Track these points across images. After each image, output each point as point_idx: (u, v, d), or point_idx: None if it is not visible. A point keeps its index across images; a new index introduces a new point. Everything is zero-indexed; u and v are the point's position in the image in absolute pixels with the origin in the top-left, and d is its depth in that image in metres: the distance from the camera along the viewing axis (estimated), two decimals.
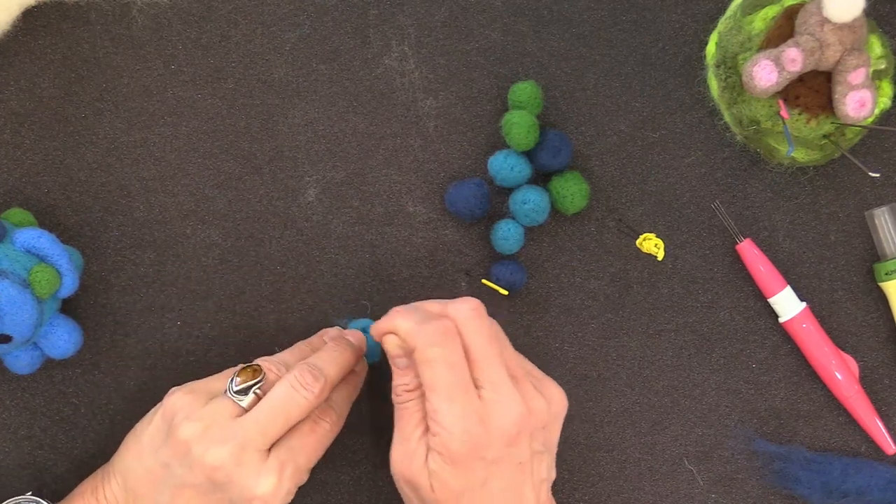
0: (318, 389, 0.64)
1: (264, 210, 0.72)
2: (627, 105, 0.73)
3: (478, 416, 0.61)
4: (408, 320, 0.63)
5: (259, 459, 0.62)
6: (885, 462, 0.74)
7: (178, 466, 0.63)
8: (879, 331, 0.74)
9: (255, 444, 0.62)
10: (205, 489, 0.63)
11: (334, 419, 0.66)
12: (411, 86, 0.73)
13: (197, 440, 0.62)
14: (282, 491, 0.63)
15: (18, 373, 0.68)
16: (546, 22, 0.73)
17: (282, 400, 0.63)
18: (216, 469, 0.62)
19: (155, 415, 0.65)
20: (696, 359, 0.74)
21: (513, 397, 0.62)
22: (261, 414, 0.63)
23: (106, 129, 0.72)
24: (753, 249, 0.73)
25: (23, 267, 0.64)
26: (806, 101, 0.67)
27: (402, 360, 0.65)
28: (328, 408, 0.66)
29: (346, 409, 0.68)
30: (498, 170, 0.70)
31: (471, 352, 0.62)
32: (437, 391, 0.61)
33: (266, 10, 0.72)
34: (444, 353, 0.61)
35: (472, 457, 0.61)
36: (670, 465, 0.74)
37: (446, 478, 0.62)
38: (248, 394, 0.64)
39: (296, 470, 0.63)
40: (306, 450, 0.64)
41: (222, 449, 0.62)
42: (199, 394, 0.64)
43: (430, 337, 0.62)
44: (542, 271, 0.73)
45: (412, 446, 0.63)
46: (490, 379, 0.62)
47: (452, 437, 0.61)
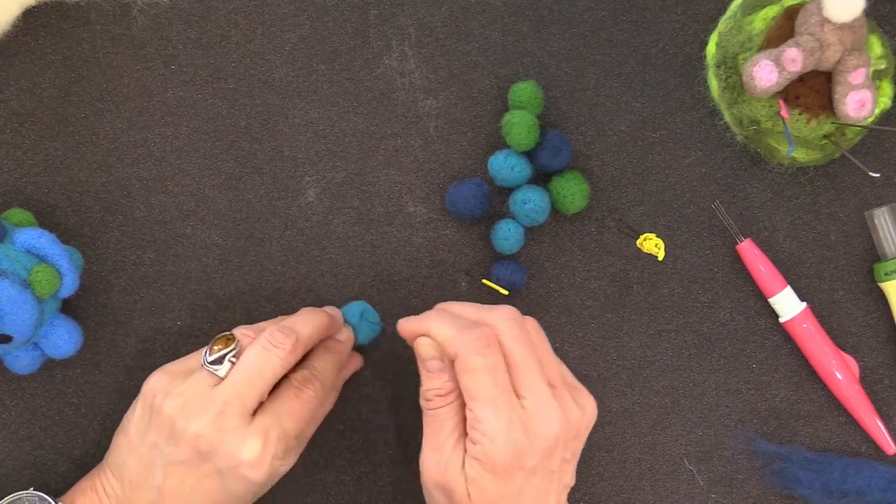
0: (290, 345, 0.64)
1: (264, 210, 0.72)
2: (627, 105, 0.73)
3: (521, 424, 0.61)
4: (447, 326, 0.62)
5: (241, 424, 0.62)
6: (886, 462, 0.74)
7: (165, 445, 0.63)
8: (879, 331, 0.74)
9: (235, 409, 0.62)
10: (194, 463, 0.63)
11: (317, 387, 0.66)
12: (411, 86, 0.73)
13: (179, 414, 0.62)
14: (268, 455, 0.63)
15: (18, 373, 0.68)
16: (546, 22, 0.73)
17: (254, 360, 0.63)
18: (199, 438, 0.62)
19: (136, 403, 0.65)
20: (697, 359, 0.74)
21: (553, 407, 0.61)
22: (235, 378, 0.63)
23: (106, 129, 0.72)
24: (754, 249, 0.73)
25: (23, 267, 0.64)
26: (806, 101, 0.67)
27: (434, 362, 0.64)
28: (311, 376, 0.66)
29: (333, 377, 0.68)
30: (498, 170, 0.70)
31: (511, 360, 0.62)
32: (480, 400, 0.61)
33: (266, 10, 0.72)
34: (487, 362, 0.61)
35: (514, 466, 0.61)
36: (671, 465, 0.74)
37: (485, 485, 0.61)
38: (223, 363, 0.64)
39: (282, 434, 0.63)
40: (291, 415, 0.64)
41: (203, 418, 0.62)
42: (175, 373, 0.65)
43: (473, 345, 0.61)
44: (542, 271, 0.73)
45: (446, 454, 0.62)
46: (530, 388, 0.61)
47: (496, 447, 0.60)
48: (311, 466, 0.73)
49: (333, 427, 0.73)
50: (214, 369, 0.64)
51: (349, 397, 0.73)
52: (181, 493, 0.63)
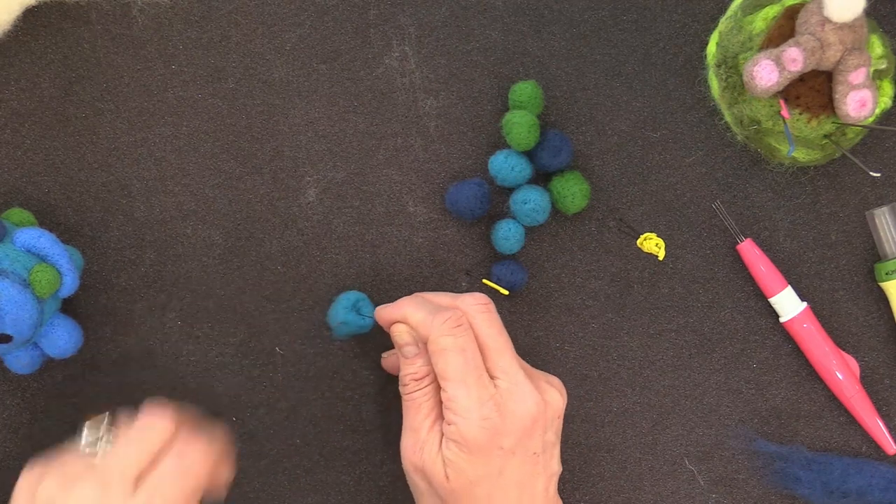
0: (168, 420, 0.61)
1: (264, 210, 0.72)
2: (628, 105, 0.73)
3: (494, 403, 0.62)
4: (419, 310, 0.64)
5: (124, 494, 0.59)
6: (886, 462, 0.74)
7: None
8: (880, 331, 0.74)
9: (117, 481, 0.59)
10: None
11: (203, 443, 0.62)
12: (412, 86, 0.73)
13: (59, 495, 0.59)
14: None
15: (19, 373, 0.68)
16: (546, 22, 0.73)
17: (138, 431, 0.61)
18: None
19: None
20: (697, 359, 0.74)
21: (527, 387, 0.63)
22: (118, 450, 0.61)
23: (106, 129, 0.72)
24: (754, 249, 0.73)
25: (23, 267, 0.64)
26: (807, 101, 0.67)
27: (410, 348, 0.65)
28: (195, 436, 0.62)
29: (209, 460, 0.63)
30: (498, 170, 0.70)
31: (483, 343, 0.63)
32: (452, 380, 0.62)
33: (266, 10, 0.72)
34: (457, 341, 0.62)
35: (490, 445, 0.62)
36: (671, 465, 0.74)
37: (462, 466, 0.62)
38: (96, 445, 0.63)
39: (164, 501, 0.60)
40: (178, 479, 0.60)
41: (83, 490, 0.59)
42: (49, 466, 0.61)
43: (443, 326, 0.63)
44: (542, 271, 0.73)
45: (422, 436, 0.64)
46: (504, 369, 0.63)
47: (470, 424, 0.61)
48: (311, 466, 0.73)
49: (334, 428, 0.73)
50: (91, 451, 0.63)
51: (349, 398, 0.73)
52: None
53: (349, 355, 0.72)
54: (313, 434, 0.72)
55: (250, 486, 0.72)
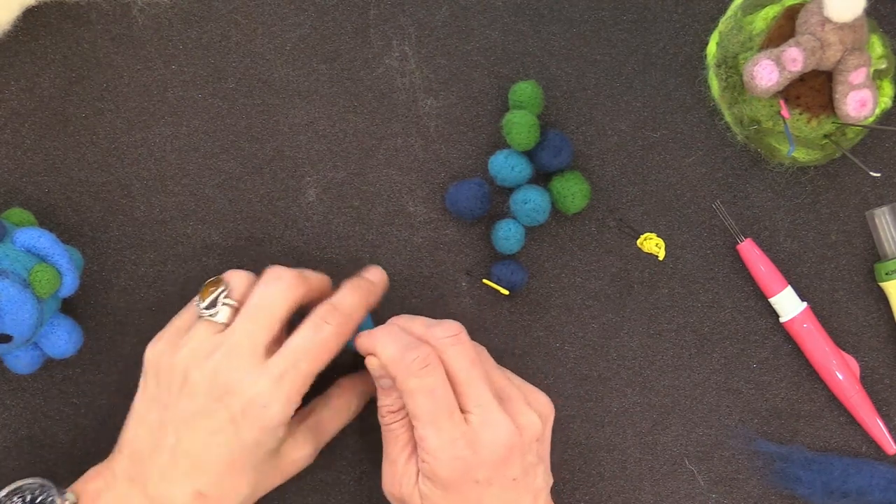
0: (291, 277, 0.63)
1: (264, 210, 0.72)
2: (628, 105, 0.73)
3: (465, 440, 0.61)
4: (389, 346, 0.63)
5: (253, 363, 0.61)
6: (886, 462, 0.74)
7: (177, 400, 0.62)
8: (880, 331, 0.74)
9: (245, 348, 0.62)
10: (206, 413, 0.62)
11: (339, 320, 0.64)
12: (412, 86, 0.73)
13: (189, 364, 0.62)
14: (282, 393, 0.61)
15: (18, 373, 0.68)
16: (546, 22, 0.73)
17: (259, 299, 0.63)
18: (212, 380, 0.61)
19: (142, 377, 0.65)
20: (697, 359, 0.74)
21: (500, 418, 0.62)
22: (243, 318, 0.63)
23: (106, 128, 0.72)
24: (754, 249, 0.73)
25: (23, 267, 0.64)
26: (807, 101, 0.67)
27: (384, 380, 0.65)
28: (332, 308, 0.64)
29: (360, 314, 0.66)
30: (498, 170, 0.70)
31: (454, 377, 0.63)
32: (421, 419, 0.62)
33: (266, 10, 0.72)
34: (424, 383, 0.62)
35: (463, 480, 0.61)
36: (671, 465, 0.74)
37: (438, 501, 0.62)
38: (216, 306, 0.63)
39: (297, 374, 0.62)
40: (308, 354, 0.62)
41: (213, 358, 0.61)
42: (172, 334, 0.64)
43: (410, 367, 0.62)
44: (542, 271, 0.73)
45: (399, 469, 0.64)
46: (477, 402, 0.62)
47: (441, 464, 0.61)
48: (312, 466, 0.72)
49: None
50: (210, 314, 0.63)
51: None
52: (194, 449, 0.62)
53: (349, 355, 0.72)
54: None
55: None
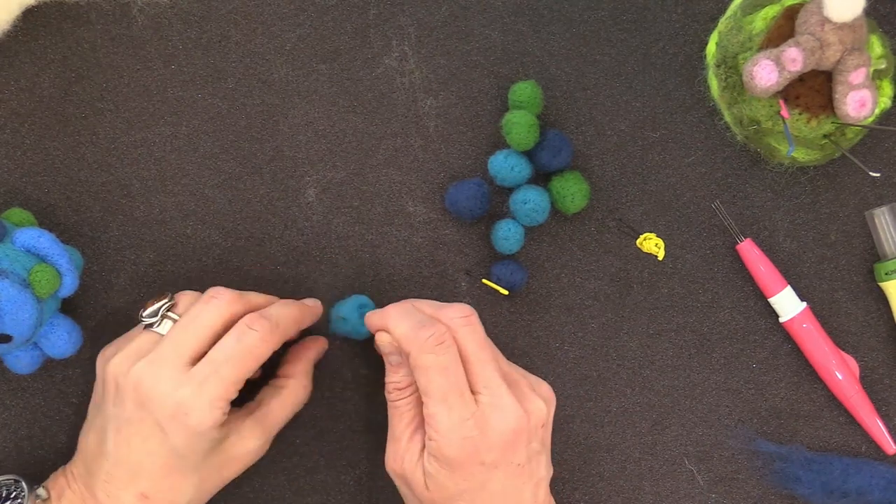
0: (229, 296, 0.64)
1: (264, 210, 0.72)
2: (627, 105, 0.73)
3: (474, 421, 0.61)
4: (403, 322, 0.63)
5: (176, 372, 0.62)
6: (886, 462, 0.74)
7: (112, 406, 0.64)
8: (880, 331, 0.74)
9: (169, 358, 0.63)
10: (136, 417, 0.63)
11: (264, 327, 0.64)
12: (411, 86, 0.73)
13: (119, 371, 0.63)
14: (203, 399, 0.62)
15: (18, 373, 0.68)
16: (546, 22, 0.73)
17: (191, 312, 0.64)
18: (137, 388, 0.62)
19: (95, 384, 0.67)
20: (697, 359, 0.74)
21: (510, 401, 0.62)
22: (173, 332, 0.64)
23: (106, 129, 0.72)
24: (754, 249, 0.73)
25: (23, 267, 0.64)
26: (806, 101, 0.67)
27: (394, 357, 0.65)
28: (258, 317, 0.65)
29: (289, 325, 0.66)
30: (498, 169, 0.70)
31: (465, 357, 0.63)
32: (432, 397, 0.62)
33: (266, 10, 0.72)
34: (439, 360, 0.62)
35: (470, 461, 0.62)
36: (671, 465, 0.74)
37: (443, 480, 0.62)
38: (159, 318, 0.65)
39: (219, 380, 0.62)
40: (231, 360, 0.63)
41: (137, 366, 0.63)
42: (118, 343, 0.66)
43: (425, 343, 0.62)
44: (542, 271, 0.73)
45: (403, 445, 0.64)
46: (486, 384, 0.63)
47: (450, 443, 0.61)
48: (312, 467, 0.73)
49: (334, 428, 0.73)
50: (150, 323, 0.65)
51: (349, 398, 0.73)
52: (130, 456, 0.63)
53: (349, 355, 0.72)
54: (313, 434, 0.72)
55: (250, 485, 0.72)
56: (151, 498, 0.64)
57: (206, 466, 0.65)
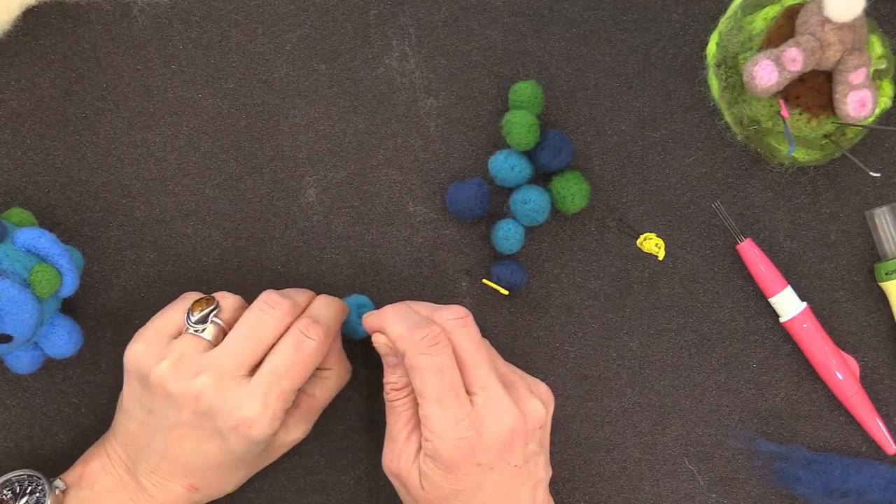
0: (288, 306, 0.64)
1: (264, 210, 0.72)
2: (627, 105, 0.73)
3: (469, 421, 0.62)
4: (398, 324, 0.64)
5: (239, 385, 0.62)
6: (886, 462, 0.74)
7: (163, 408, 0.63)
8: (880, 331, 0.74)
9: (232, 371, 0.63)
10: (193, 424, 0.63)
11: (319, 334, 0.64)
12: (412, 86, 0.73)
13: (171, 378, 0.63)
14: (267, 413, 0.63)
15: (19, 373, 0.68)
16: (546, 22, 0.73)
17: (250, 322, 0.64)
18: (197, 399, 0.62)
19: (125, 376, 0.66)
20: (697, 359, 0.74)
21: (505, 402, 0.62)
22: (231, 342, 0.64)
23: (106, 129, 0.72)
24: (754, 249, 0.73)
25: (23, 267, 0.64)
26: (806, 101, 0.67)
27: (390, 357, 0.66)
28: (311, 322, 0.65)
29: (336, 325, 0.67)
30: (498, 170, 0.70)
31: (461, 359, 0.63)
32: (427, 397, 0.62)
33: (266, 10, 0.72)
34: (433, 360, 0.62)
35: (465, 462, 0.62)
36: (671, 465, 0.74)
37: (438, 481, 0.62)
38: (206, 322, 0.64)
39: (280, 393, 0.63)
40: (290, 372, 0.63)
41: (198, 379, 0.62)
42: (154, 339, 0.65)
43: (419, 344, 0.62)
44: (542, 271, 0.73)
45: (399, 445, 0.64)
46: (482, 385, 0.63)
47: (444, 444, 0.61)
48: (312, 467, 0.73)
49: (334, 428, 0.73)
50: (198, 329, 0.64)
51: (349, 398, 0.73)
52: (183, 455, 0.64)
53: (349, 355, 0.72)
54: (313, 434, 0.72)
55: (250, 485, 0.72)
56: (200, 489, 0.65)
57: (255, 461, 0.67)
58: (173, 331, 0.65)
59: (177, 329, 0.65)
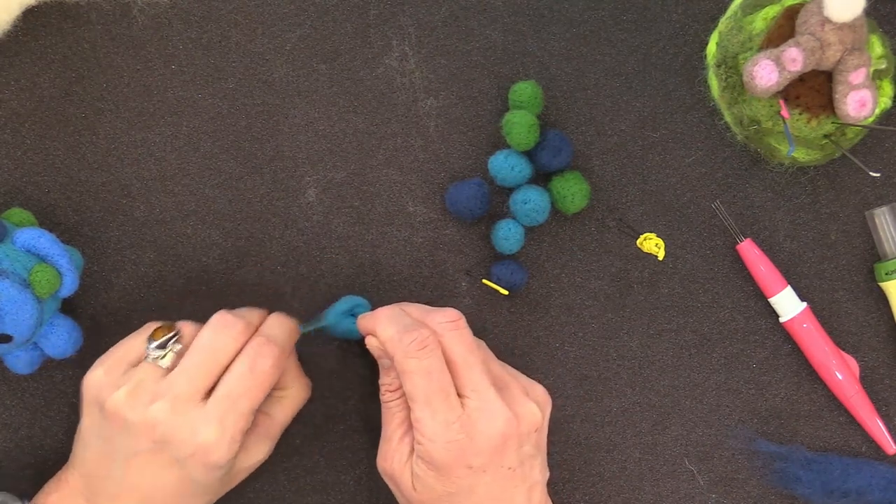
0: (241, 326, 0.64)
1: (264, 210, 0.72)
2: (627, 105, 0.73)
3: (460, 424, 0.61)
4: (389, 327, 0.63)
5: (195, 409, 0.62)
6: (886, 462, 0.74)
7: (121, 437, 0.63)
8: (880, 331, 0.74)
9: (187, 396, 0.62)
10: (151, 452, 0.62)
11: (276, 352, 0.64)
12: (412, 85, 0.73)
13: (128, 407, 0.62)
14: (226, 438, 0.62)
15: (18, 373, 0.68)
16: (546, 22, 0.73)
17: (204, 344, 0.63)
18: (153, 427, 0.61)
19: (81, 403, 0.65)
20: (697, 359, 0.74)
21: (497, 405, 0.62)
22: (186, 364, 0.63)
23: (106, 129, 0.72)
24: (754, 249, 0.73)
25: (23, 267, 0.64)
26: (806, 101, 0.67)
27: (384, 360, 0.66)
28: (266, 341, 0.64)
29: (290, 342, 0.66)
30: (498, 170, 0.70)
31: (452, 361, 0.63)
32: (417, 401, 0.62)
33: (266, 10, 0.72)
34: (421, 364, 0.62)
35: (457, 465, 0.62)
36: (671, 465, 0.74)
37: (430, 483, 0.62)
38: (165, 349, 0.64)
39: (238, 416, 0.62)
40: (247, 394, 0.63)
41: (154, 407, 0.62)
42: (112, 366, 0.64)
43: (408, 348, 0.62)
44: (542, 271, 0.73)
45: (393, 446, 0.64)
46: (473, 387, 0.63)
47: (435, 447, 0.61)
48: (312, 467, 0.73)
49: (334, 428, 0.73)
50: (157, 356, 0.64)
51: (350, 397, 0.73)
52: (143, 485, 0.63)
53: (349, 355, 0.72)
54: (313, 434, 0.72)
55: (250, 486, 0.72)
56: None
57: (218, 488, 0.66)
58: (133, 359, 0.65)
59: (137, 357, 0.65)
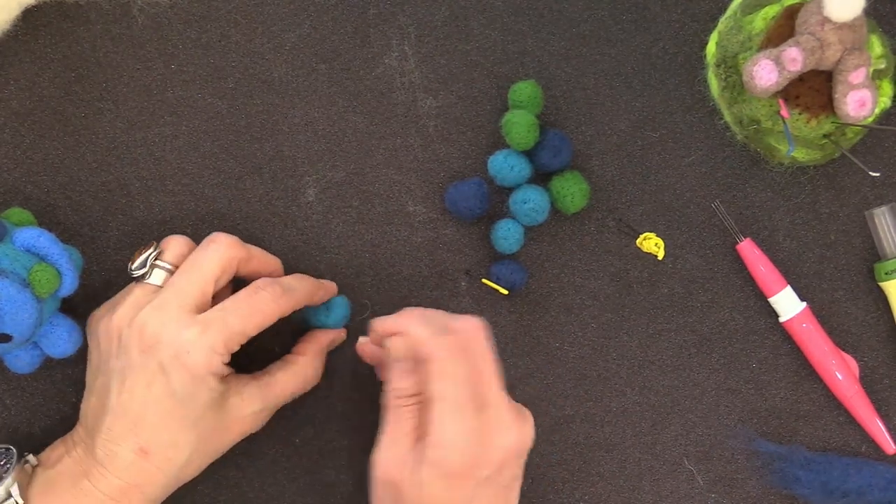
0: (227, 241, 0.66)
1: (264, 210, 0.72)
2: (627, 105, 0.73)
3: (480, 434, 0.61)
4: (423, 328, 0.62)
5: (180, 315, 0.63)
6: (886, 462, 0.74)
7: (115, 358, 0.64)
8: (879, 330, 0.74)
9: (175, 303, 0.64)
10: (139, 365, 0.63)
11: (276, 291, 0.65)
12: (411, 85, 0.73)
13: (122, 318, 0.64)
14: (204, 342, 0.63)
15: (18, 372, 0.68)
16: (546, 22, 0.73)
17: (193, 257, 0.66)
18: (142, 330, 0.63)
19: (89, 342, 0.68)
20: (696, 358, 0.74)
21: (513, 420, 0.62)
22: (175, 276, 0.65)
23: (106, 128, 0.72)
24: (754, 249, 0.73)
25: (23, 266, 0.64)
26: (806, 101, 0.67)
27: (404, 363, 0.64)
28: (273, 281, 0.66)
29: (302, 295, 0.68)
30: (498, 169, 0.70)
31: (478, 370, 0.62)
32: (447, 405, 0.61)
33: (266, 9, 0.72)
34: (461, 369, 0.61)
35: (469, 474, 0.61)
36: (670, 465, 0.74)
37: (436, 491, 0.61)
38: (145, 267, 0.66)
39: (223, 326, 0.63)
40: (238, 311, 0.64)
41: (141, 313, 0.64)
42: (108, 304, 0.67)
43: (449, 350, 0.61)
44: (542, 271, 0.73)
45: (402, 452, 0.62)
46: (493, 399, 0.62)
47: (455, 453, 0.61)
48: (312, 466, 0.73)
49: (333, 428, 0.73)
50: (140, 274, 0.66)
51: (349, 398, 0.73)
52: (132, 405, 0.63)
53: (349, 355, 0.72)
54: (313, 434, 0.72)
55: (250, 486, 0.72)
56: (150, 453, 0.64)
57: (205, 423, 0.65)
58: None
59: None
